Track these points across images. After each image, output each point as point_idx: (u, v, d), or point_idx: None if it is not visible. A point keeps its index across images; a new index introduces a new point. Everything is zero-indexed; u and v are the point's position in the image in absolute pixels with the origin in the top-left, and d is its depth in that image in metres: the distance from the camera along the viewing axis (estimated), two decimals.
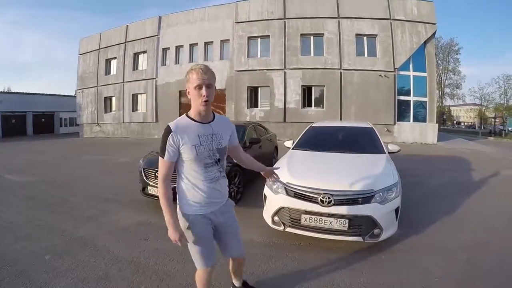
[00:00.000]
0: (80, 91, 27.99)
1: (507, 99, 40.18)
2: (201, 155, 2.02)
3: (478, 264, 3.50)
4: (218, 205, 2.20)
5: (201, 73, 1.96)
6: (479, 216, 5.26)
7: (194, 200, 2.10)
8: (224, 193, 2.26)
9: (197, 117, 2.07)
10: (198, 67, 1.99)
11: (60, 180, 8.25)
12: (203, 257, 2.20)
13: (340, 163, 4.63)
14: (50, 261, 3.53)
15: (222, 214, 2.24)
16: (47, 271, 3.30)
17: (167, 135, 1.97)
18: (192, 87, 1.98)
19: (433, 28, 19.44)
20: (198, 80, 1.95)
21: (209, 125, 2.09)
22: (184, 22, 22.77)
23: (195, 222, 2.11)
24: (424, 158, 12.71)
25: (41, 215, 5.23)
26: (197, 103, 2.00)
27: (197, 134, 2.02)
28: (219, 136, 2.13)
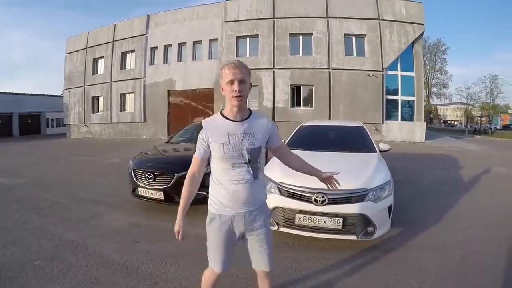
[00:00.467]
0: (67, 91, 27.56)
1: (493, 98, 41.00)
2: (228, 154, 1.92)
3: (471, 260, 3.55)
4: (245, 209, 2.03)
5: (234, 67, 1.89)
6: (470, 213, 5.35)
7: (218, 198, 2.02)
8: (254, 198, 2.06)
9: (229, 114, 1.98)
10: (231, 62, 1.94)
11: (49, 182, 8.10)
12: (213, 259, 2.14)
13: (333, 162, 4.62)
14: (40, 266, 3.42)
15: (251, 221, 2.07)
16: (37, 277, 3.20)
17: (199, 130, 1.98)
18: (224, 83, 1.91)
19: (421, 28, 19.73)
20: (230, 74, 1.88)
21: (241, 123, 1.98)
22: (173, 21, 22.63)
23: (214, 222, 2.05)
24: (413, 156, 12.89)
25: (30, 218, 5.10)
26: (229, 98, 1.92)
27: (226, 132, 1.93)
28: (251, 135, 1.98)
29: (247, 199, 2.01)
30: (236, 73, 1.87)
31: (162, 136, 21.87)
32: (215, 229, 2.05)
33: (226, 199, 1.99)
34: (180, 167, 5.21)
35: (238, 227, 2.05)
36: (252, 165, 1.99)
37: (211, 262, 2.15)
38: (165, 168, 5.31)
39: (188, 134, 7.59)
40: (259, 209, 2.10)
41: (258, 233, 2.11)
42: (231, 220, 2.03)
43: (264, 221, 2.14)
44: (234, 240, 2.10)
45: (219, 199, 2.01)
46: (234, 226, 2.04)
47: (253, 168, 2.00)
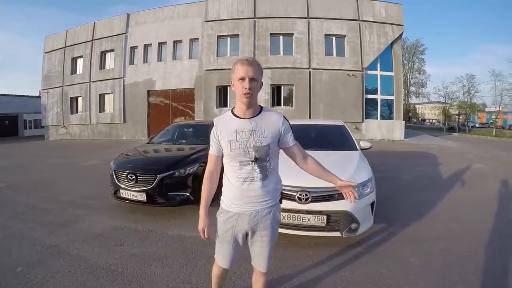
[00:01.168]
0: (45, 91, 26.77)
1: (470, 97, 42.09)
2: (235, 152, 1.91)
3: (453, 252, 3.70)
4: (250, 208, 2.01)
5: (247, 64, 1.89)
6: (450, 207, 5.55)
7: (227, 195, 2.06)
8: (261, 198, 2.01)
9: (238, 111, 1.97)
10: (245, 59, 1.93)
11: (28, 185, 7.88)
12: (219, 254, 2.20)
13: None
14: (22, 273, 3.34)
15: (256, 221, 2.04)
16: (20, 283, 3.12)
17: (211, 127, 2.01)
18: (236, 79, 1.90)
19: (400, 29, 20.15)
20: (242, 71, 1.87)
21: (248, 121, 1.95)
22: (153, 20, 22.34)
23: (222, 215, 2.10)
24: (393, 154, 13.16)
25: (9, 223, 4.96)
26: (239, 95, 1.91)
27: (234, 129, 1.93)
28: (259, 132, 1.94)
29: (253, 198, 1.99)
30: (248, 71, 1.87)
31: (142, 137, 21.60)
32: (221, 223, 2.11)
33: (233, 196, 2.02)
34: (163, 168, 5.19)
35: (242, 225, 2.04)
36: (259, 163, 1.95)
37: (217, 255, 2.21)
38: (147, 169, 5.27)
39: (169, 134, 7.55)
40: (267, 210, 2.05)
41: (262, 234, 2.09)
42: (236, 217, 2.04)
43: (271, 223, 2.08)
44: (239, 238, 2.09)
45: (227, 195, 2.06)
46: (238, 223, 2.04)
47: (260, 167, 1.96)
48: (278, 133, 2.01)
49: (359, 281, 3.11)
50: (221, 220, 2.10)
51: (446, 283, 3.05)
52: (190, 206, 5.31)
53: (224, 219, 2.08)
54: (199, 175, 5.33)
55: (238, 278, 3.15)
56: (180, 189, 5.19)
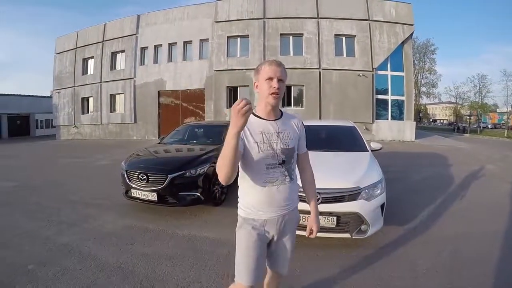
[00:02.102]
0: (56, 91, 27.17)
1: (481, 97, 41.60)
2: (263, 154, 1.80)
3: (462, 255, 3.66)
4: (278, 212, 1.92)
5: (275, 65, 1.83)
6: (460, 209, 5.48)
7: (250, 202, 1.90)
8: (288, 201, 1.95)
9: (262, 113, 1.88)
10: (273, 60, 1.88)
11: (39, 184, 7.99)
12: (243, 271, 1.92)
13: (326, 161, 4.66)
14: (33, 270, 3.39)
15: (284, 226, 1.97)
16: (31, 281, 3.16)
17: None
18: (262, 79, 1.82)
19: (410, 29, 19.94)
20: (271, 71, 1.80)
21: (274, 122, 1.89)
22: (163, 21, 22.47)
23: (245, 226, 1.92)
24: (403, 155, 13.03)
25: (21, 222, 5.04)
26: (265, 95, 1.82)
27: (260, 131, 1.83)
28: (285, 134, 1.91)
29: (281, 202, 1.92)
30: (276, 71, 1.81)
31: (153, 137, 21.77)
32: (246, 235, 1.91)
33: (259, 202, 1.88)
34: (174, 168, 5.22)
35: (270, 232, 1.95)
36: (286, 166, 1.90)
37: (240, 275, 1.94)
38: (158, 169, 5.30)
39: (179, 135, 7.59)
40: (292, 212, 2.01)
41: (287, 238, 2.04)
42: (263, 225, 1.92)
43: (294, 226, 2.08)
44: (265, 246, 1.97)
45: (251, 202, 1.90)
46: (266, 230, 1.93)
47: (287, 169, 1.91)
48: (298, 136, 2.01)
49: (368, 282, 3.09)
50: (247, 231, 1.90)
51: (455, 285, 3.02)
52: (201, 206, 5.35)
53: (249, 229, 1.90)
54: (210, 175, 5.37)
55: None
56: (190, 189, 5.21)
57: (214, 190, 5.59)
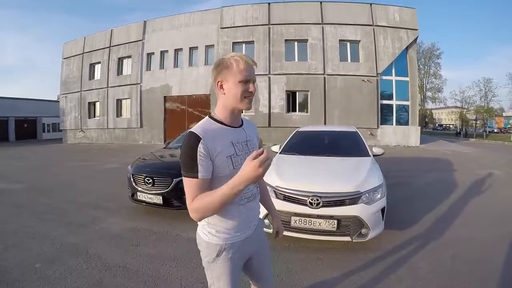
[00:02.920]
0: (63, 96, 27.53)
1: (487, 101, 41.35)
2: (238, 169, 1.34)
3: (463, 258, 3.69)
4: (252, 228, 1.69)
5: (252, 64, 1.50)
6: (462, 214, 5.50)
7: (226, 226, 1.56)
8: (259, 212, 1.76)
9: (227, 119, 1.54)
10: (245, 56, 1.50)
11: (47, 187, 8.14)
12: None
13: (327, 166, 4.76)
14: (41, 269, 3.49)
15: (257, 240, 1.74)
16: (39, 279, 3.27)
17: (196, 144, 1.38)
18: (235, 80, 1.46)
19: (414, 33, 20.00)
20: (247, 73, 1.47)
21: (242, 129, 1.62)
22: (169, 27, 22.75)
23: (224, 255, 1.57)
24: (407, 160, 13.02)
25: (29, 222, 5.17)
26: (238, 98, 1.48)
27: (230, 142, 1.51)
28: (252, 142, 1.65)
29: (256, 216, 1.73)
30: (252, 73, 1.51)
31: (159, 141, 21.94)
32: (227, 265, 1.59)
33: (238, 223, 1.58)
34: (179, 173, 5.28)
35: (249, 250, 1.70)
36: None
37: None
38: (164, 173, 5.39)
39: None
40: (260, 222, 1.81)
41: (264, 247, 1.85)
42: (242, 245, 1.62)
43: (263, 231, 1.87)
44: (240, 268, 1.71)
45: (226, 227, 1.56)
46: (245, 251, 1.67)
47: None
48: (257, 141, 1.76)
49: (367, 285, 3.15)
50: (227, 260, 1.58)
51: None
52: None
53: (230, 257, 1.58)
54: None
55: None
56: None
57: None
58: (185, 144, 1.42)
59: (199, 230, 1.65)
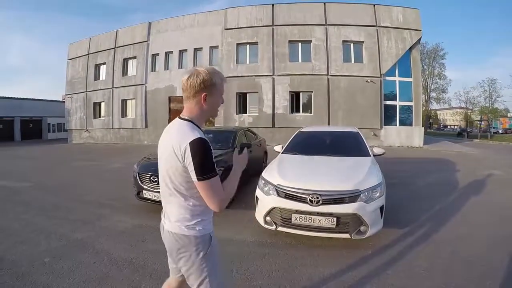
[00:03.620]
0: (68, 96, 27.81)
1: (492, 102, 41.15)
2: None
3: (461, 256, 3.77)
4: None
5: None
6: (462, 213, 5.59)
7: (209, 216, 1.79)
8: None
9: (201, 126, 1.77)
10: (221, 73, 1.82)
11: (53, 185, 8.30)
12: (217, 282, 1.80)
13: (328, 165, 4.88)
14: (50, 263, 3.61)
15: None
16: (48, 273, 3.38)
17: (209, 146, 1.60)
18: (219, 94, 1.77)
19: (418, 34, 20.01)
20: (224, 89, 1.81)
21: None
22: (174, 28, 22.94)
23: (215, 241, 1.79)
24: (410, 160, 13.06)
25: (37, 220, 5.31)
26: (215, 110, 1.80)
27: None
28: None
29: None
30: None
31: None
32: (215, 247, 1.80)
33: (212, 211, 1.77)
34: None
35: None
36: None
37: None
38: None
39: None
40: None
41: None
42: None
43: None
44: None
45: (209, 217, 1.79)
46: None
47: None
48: None
49: (365, 281, 3.23)
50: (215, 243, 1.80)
51: (451, 285, 3.13)
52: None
53: (215, 240, 1.81)
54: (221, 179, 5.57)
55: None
56: None
57: None
58: (204, 150, 1.57)
59: (186, 232, 1.71)
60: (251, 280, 3.22)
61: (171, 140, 1.69)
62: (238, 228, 4.74)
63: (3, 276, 3.32)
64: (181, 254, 1.75)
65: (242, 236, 4.37)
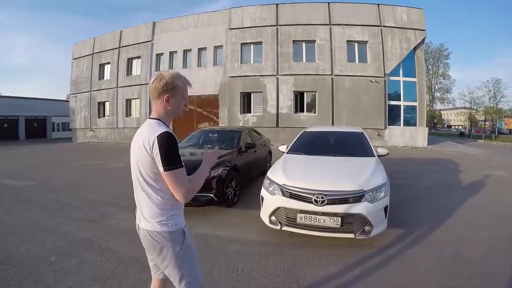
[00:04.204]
0: (73, 95, 27.97)
1: (496, 102, 40.90)
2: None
3: (463, 257, 3.76)
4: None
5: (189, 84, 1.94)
6: (465, 214, 5.56)
7: (180, 211, 1.88)
8: None
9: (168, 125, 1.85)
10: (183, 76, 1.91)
11: (57, 184, 8.36)
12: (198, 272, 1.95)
13: (333, 165, 4.89)
14: (56, 262, 3.63)
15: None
16: (54, 271, 3.40)
17: (175, 139, 1.74)
18: (181, 96, 1.86)
19: (422, 34, 19.94)
20: (187, 91, 1.92)
21: None
22: (178, 28, 23.00)
23: (187, 233, 1.87)
24: (414, 161, 13.02)
25: (42, 218, 5.34)
26: (179, 111, 1.90)
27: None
28: None
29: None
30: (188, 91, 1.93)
31: None
32: (190, 241, 1.89)
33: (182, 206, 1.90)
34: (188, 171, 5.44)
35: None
36: None
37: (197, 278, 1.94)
38: None
39: (194, 140, 7.85)
40: None
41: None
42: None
43: None
44: None
45: (180, 211, 1.88)
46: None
47: None
48: None
49: (369, 280, 3.24)
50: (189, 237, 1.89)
51: (453, 285, 3.13)
52: (214, 207, 5.58)
53: (188, 234, 1.89)
54: (223, 178, 5.63)
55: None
56: (204, 191, 5.38)
57: (227, 192, 5.81)
58: (169, 142, 1.70)
59: (159, 229, 1.77)
60: (256, 279, 3.23)
61: (141, 136, 1.77)
62: (242, 228, 4.77)
63: (10, 274, 3.34)
64: (158, 251, 1.80)
65: (246, 235, 4.38)
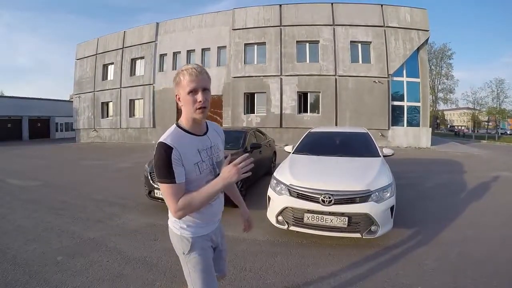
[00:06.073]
0: (76, 96, 28.08)
1: (499, 103, 40.78)
2: (203, 174, 1.63)
3: (469, 257, 3.76)
4: (216, 222, 1.89)
5: (195, 74, 1.55)
6: (471, 214, 5.55)
7: (195, 221, 1.73)
8: (222, 208, 1.94)
9: (191, 128, 1.66)
10: (191, 67, 1.59)
11: (63, 184, 8.38)
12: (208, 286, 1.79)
13: (339, 165, 4.89)
14: (63, 262, 3.63)
15: (219, 233, 1.98)
16: (61, 271, 3.40)
17: (169, 152, 1.51)
18: (184, 93, 1.57)
19: (426, 34, 19.91)
20: (193, 83, 1.54)
21: (206, 137, 1.74)
22: (182, 29, 23.06)
23: (197, 246, 1.74)
24: (418, 161, 13.01)
25: (48, 218, 5.36)
26: (191, 110, 1.59)
27: (196, 149, 1.64)
28: (216, 148, 1.80)
29: (220, 209, 1.91)
30: (199, 81, 1.56)
31: None
32: (202, 254, 1.76)
33: (207, 216, 1.76)
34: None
35: (215, 241, 1.90)
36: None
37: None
38: None
39: None
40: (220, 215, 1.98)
41: (224, 243, 2.07)
42: (210, 238, 1.83)
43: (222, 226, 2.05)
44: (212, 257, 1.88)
45: (195, 221, 1.72)
46: (213, 241, 1.87)
47: None
48: (222, 144, 1.94)
49: (376, 279, 3.24)
50: (201, 250, 1.75)
51: (459, 284, 3.13)
52: None
53: (203, 247, 1.76)
54: None
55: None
56: None
57: None
58: (159, 154, 1.52)
59: (171, 226, 1.79)
60: (264, 279, 3.24)
61: None
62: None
63: (17, 274, 3.34)
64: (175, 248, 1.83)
65: (253, 235, 4.36)
